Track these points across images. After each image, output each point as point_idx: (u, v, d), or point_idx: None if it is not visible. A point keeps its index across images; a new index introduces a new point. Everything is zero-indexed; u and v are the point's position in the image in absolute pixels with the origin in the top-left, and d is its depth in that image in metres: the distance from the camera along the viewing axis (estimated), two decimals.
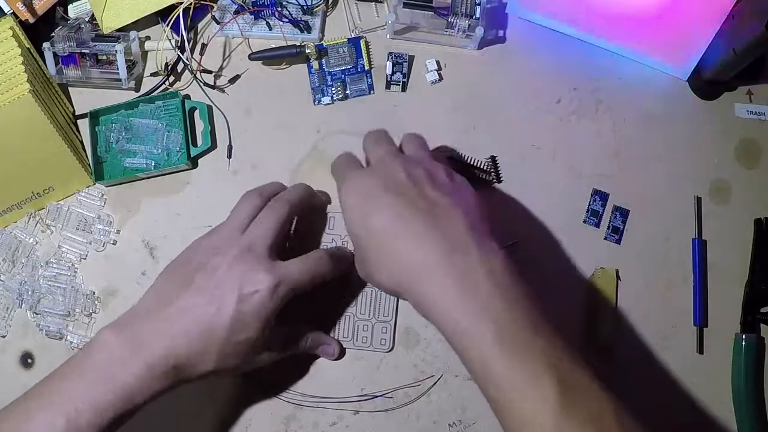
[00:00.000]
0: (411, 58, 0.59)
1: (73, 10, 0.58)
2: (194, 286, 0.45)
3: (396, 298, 0.54)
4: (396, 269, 0.44)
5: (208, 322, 0.44)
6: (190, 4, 0.56)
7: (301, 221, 0.55)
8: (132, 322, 0.45)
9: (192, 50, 0.58)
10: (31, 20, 0.56)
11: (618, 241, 0.57)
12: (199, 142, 0.57)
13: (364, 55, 0.58)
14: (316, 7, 0.59)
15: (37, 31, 0.57)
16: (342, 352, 0.54)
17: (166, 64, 0.58)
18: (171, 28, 0.57)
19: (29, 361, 0.55)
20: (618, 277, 0.56)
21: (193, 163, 0.57)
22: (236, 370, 0.48)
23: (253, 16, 0.58)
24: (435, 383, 0.54)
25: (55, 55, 0.55)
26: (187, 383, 0.45)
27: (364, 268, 0.48)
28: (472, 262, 0.42)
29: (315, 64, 0.58)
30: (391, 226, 0.44)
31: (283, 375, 0.54)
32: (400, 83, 0.58)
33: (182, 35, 0.57)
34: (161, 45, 0.58)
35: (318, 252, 0.50)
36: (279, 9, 0.58)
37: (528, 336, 0.40)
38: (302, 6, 0.58)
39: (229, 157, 0.57)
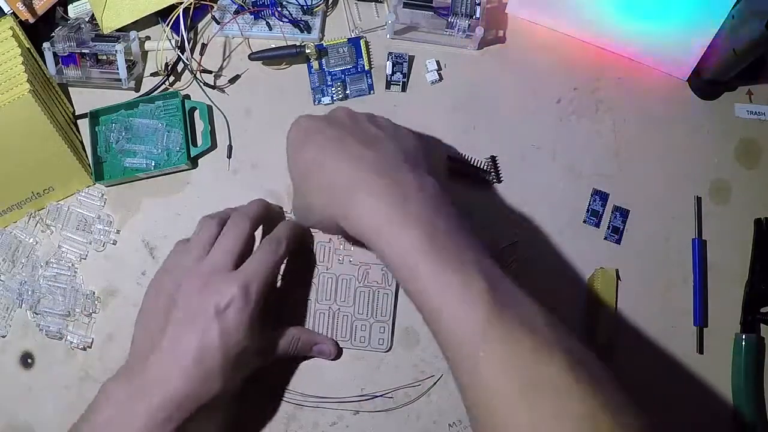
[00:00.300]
0: (411, 58, 0.59)
1: (73, 10, 0.59)
2: (172, 323, 0.45)
3: (394, 297, 0.54)
4: (328, 190, 0.44)
5: (198, 349, 0.44)
6: (190, 4, 0.56)
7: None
8: (128, 374, 0.45)
9: (192, 50, 0.58)
10: (31, 20, 0.56)
11: (618, 241, 0.57)
12: (199, 142, 0.57)
13: (364, 55, 0.58)
14: (316, 7, 0.59)
15: (37, 31, 0.57)
16: (339, 351, 0.54)
17: (166, 64, 0.58)
18: (171, 28, 0.57)
19: (29, 361, 0.55)
20: (618, 277, 0.56)
21: (193, 163, 0.57)
22: (240, 383, 0.48)
23: (253, 16, 0.58)
24: (435, 383, 0.54)
25: (55, 55, 0.55)
26: (200, 415, 0.45)
27: (301, 205, 0.48)
28: (402, 178, 0.43)
29: (315, 64, 0.58)
30: (325, 149, 0.45)
31: (283, 375, 0.54)
32: (400, 83, 0.58)
33: (182, 35, 0.57)
34: (161, 45, 0.58)
35: (268, 239, 0.50)
36: (279, 9, 0.58)
37: (458, 244, 0.40)
38: (302, 6, 0.58)
39: (229, 157, 0.57)
